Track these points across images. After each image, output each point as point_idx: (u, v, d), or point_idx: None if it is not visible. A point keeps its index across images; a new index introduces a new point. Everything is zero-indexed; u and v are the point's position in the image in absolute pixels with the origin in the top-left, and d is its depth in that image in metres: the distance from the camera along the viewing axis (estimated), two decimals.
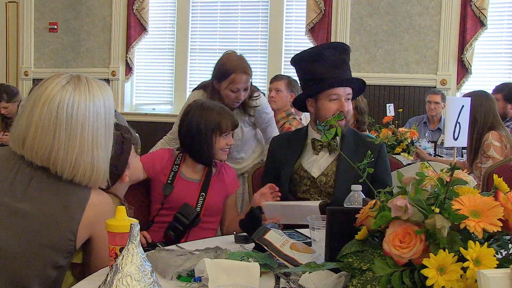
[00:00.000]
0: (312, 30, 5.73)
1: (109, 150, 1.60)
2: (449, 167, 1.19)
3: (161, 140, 3.13)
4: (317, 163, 2.45)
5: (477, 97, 3.51)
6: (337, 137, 2.31)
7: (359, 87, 2.52)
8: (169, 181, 2.39)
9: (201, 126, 2.37)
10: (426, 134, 5.02)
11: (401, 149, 4.31)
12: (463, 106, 1.26)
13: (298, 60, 2.51)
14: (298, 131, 2.66)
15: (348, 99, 2.44)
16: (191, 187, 2.39)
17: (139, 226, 1.25)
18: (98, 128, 1.55)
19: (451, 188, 1.18)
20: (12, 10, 6.71)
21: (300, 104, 2.58)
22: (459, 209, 1.13)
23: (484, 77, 5.43)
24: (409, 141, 4.29)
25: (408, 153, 4.22)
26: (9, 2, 6.70)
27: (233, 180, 2.53)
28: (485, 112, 3.48)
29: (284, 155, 2.52)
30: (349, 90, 2.44)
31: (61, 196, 1.52)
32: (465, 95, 3.77)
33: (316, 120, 2.43)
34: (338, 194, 2.31)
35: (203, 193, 2.37)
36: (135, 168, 2.03)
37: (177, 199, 2.34)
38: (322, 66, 2.41)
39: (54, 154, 1.49)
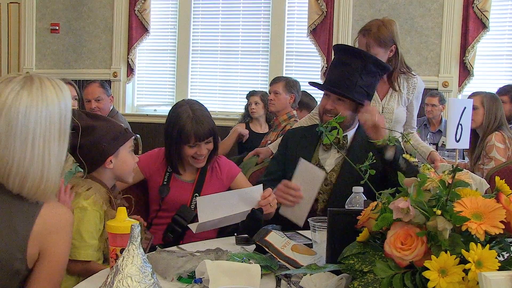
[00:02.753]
0: (314, 31, 5.73)
1: (62, 160, 1.47)
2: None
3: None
4: (329, 160, 2.42)
5: (494, 99, 3.55)
6: (341, 135, 2.28)
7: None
8: (165, 182, 2.35)
9: (168, 132, 2.32)
10: (428, 136, 5.02)
11: None
12: (465, 107, 1.26)
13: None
14: (312, 127, 2.59)
15: (339, 99, 2.35)
16: (185, 188, 2.35)
17: (139, 227, 1.25)
18: (51, 134, 1.42)
19: (453, 190, 1.18)
20: (14, 11, 6.71)
21: None
22: (461, 211, 1.13)
23: (486, 79, 5.42)
24: (412, 143, 4.27)
25: (411, 154, 4.21)
26: (10, 2, 6.71)
27: (227, 172, 2.43)
28: (499, 114, 3.52)
29: (299, 149, 2.46)
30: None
31: (6, 211, 1.39)
32: (470, 96, 3.76)
33: None
34: (337, 192, 2.31)
35: (196, 194, 2.33)
36: (124, 162, 1.97)
37: (173, 201, 2.31)
38: (332, 63, 2.47)
39: (9, 167, 1.37)
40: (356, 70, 2.33)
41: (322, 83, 2.48)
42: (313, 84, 2.53)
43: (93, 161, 1.92)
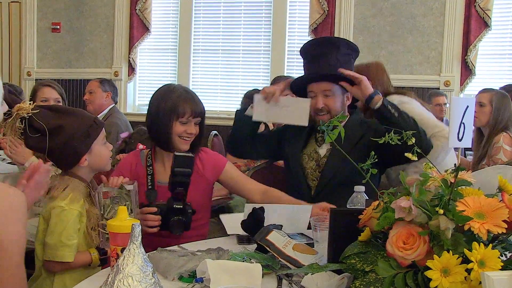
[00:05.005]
0: (315, 30, 5.72)
1: None
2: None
3: None
4: (322, 150, 2.50)
5: (504, 98, 3.45)
6: (343, 134, 2.30)
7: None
8: (149, 187, 2.24)
9: (160, 107, 2.23)
10: None
11: None
12: (467, 106, 1.26)
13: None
14: (310, 121, 2.63)
15: (327, 96, 2.42)
16: (168, 192, 2.19)
17: (140, 226, 1.24)
18: None
19: (456, 189, 1.17)
20: (15, 10, 6.71)
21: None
22: (464, 211, 1.12)
23: (488, 78, 5.40)
24: (413, 142, 4.24)
25: (413, 153, 4.19)
26: (12, 2, 6.70)
27: (210, 165, 2.34)
28: (507, 114, 3.42)
29: (295, 134, 2.55)
30: (325, 86, 2.41)
31: None
32: (481, 92, 3.64)
33: None
34: (328, 167, 2.42)
35: None
36: (99, 155, 1.93)
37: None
38: (305, 63, 2.51)
39: None
40: (331, 53, 2.41)
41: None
42: (294, 84, 2.54)
43: (66, 162, 1.87)
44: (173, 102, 2.21)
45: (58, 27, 6.56)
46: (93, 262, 1.86)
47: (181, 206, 2.04)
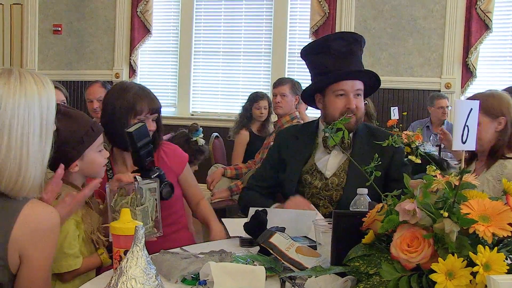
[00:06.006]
0: (316, 33, 5.73)
1: (45, 156, 1.41)
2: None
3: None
4: (330, 162, 2.30)
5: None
6: (347, 137, 2.18)
7: (372, 82, 2.33)
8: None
9: (116, 105, 2.19)
10: (430, 138, 5.00)
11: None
12: (471, 109, 1.25)
13: (306, 53, 2.37)
14: (307, 126, 2.47)
15: (359, 95, 2.26)
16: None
17: (144, 229, 1.24)
18: (30, 128, 1.35)
19: (460, 192, 1.17)
20: (17, 12, 6.72)
21: (308, 99, 2.43)
22: (468, 213, 1.12)
23: (489, 81, 5.41)
24: (417, 144, 4.24)
25: (416, 156, 4.19)
26: (13, 4, 6.71)
27: (176, 158, 2.33)
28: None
29: (292, 153, 2.35)
30: (358, 85, 2.25)
31: None
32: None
33: (325, 117, 2.32)
34: (347, 196, 2.14)
35: None
36: (91, 162, 1.87)
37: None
38: (328, 58, 2.27)
39: None
40: (357, 51, 2.28)
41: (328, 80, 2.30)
42: (320, 82, 2.29)
43: (56, 166, 1.80)
44: (129, 100, 2.17)
45: (60, 29, 6.57)
46: (104, 262, 1.85)
47: (158, 173, 2.03)
